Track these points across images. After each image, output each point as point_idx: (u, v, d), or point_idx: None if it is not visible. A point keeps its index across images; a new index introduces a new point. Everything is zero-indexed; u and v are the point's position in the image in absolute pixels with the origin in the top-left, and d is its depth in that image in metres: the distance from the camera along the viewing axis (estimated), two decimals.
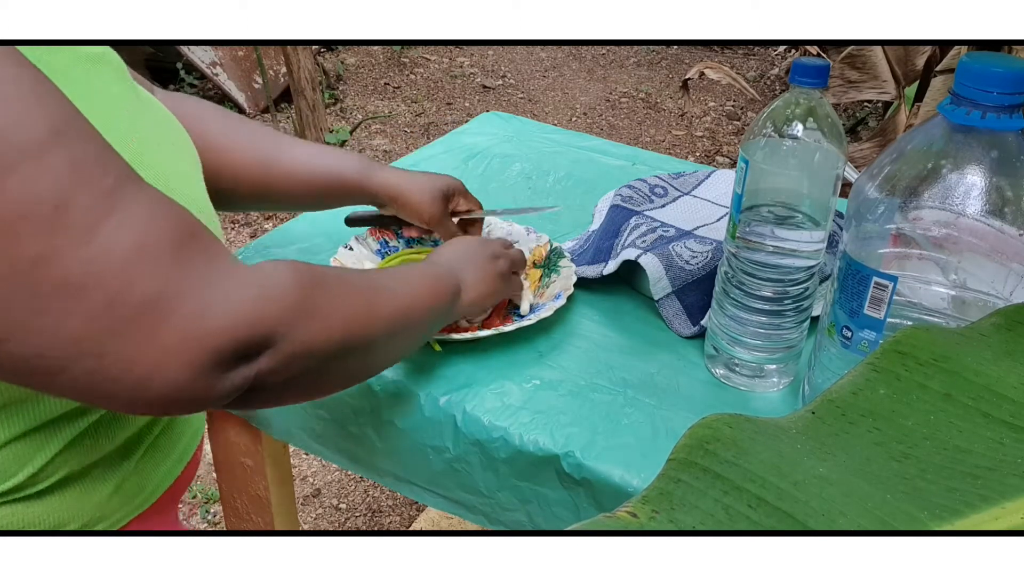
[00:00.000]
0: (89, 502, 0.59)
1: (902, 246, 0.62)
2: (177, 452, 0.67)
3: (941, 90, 2.07)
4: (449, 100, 3.89)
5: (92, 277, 0.42)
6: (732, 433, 0.36)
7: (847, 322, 0.66)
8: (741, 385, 0.79)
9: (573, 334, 0.86)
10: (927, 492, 0.35)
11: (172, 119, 0.64)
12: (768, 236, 0.73)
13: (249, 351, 0.47)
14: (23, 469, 0.55)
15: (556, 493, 0.73)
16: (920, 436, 0.37)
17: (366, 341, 0.58)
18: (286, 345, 0.49)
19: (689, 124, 3.69)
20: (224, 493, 1.05)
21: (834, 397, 0.39)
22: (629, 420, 0.74)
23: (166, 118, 0.63)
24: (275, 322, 0.48)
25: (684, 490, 0.33)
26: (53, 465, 0.56)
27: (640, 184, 1.06)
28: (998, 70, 0.56)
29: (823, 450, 0.36)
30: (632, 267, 0.89)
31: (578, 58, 4.42)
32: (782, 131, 0.70)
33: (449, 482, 0.79)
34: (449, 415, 0.76)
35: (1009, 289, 0.59)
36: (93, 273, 0.42)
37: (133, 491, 0.62)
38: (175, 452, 0.66)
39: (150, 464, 0.64)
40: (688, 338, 0.85)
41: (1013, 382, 0.40)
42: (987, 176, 0.58)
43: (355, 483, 1.84)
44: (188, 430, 0.68)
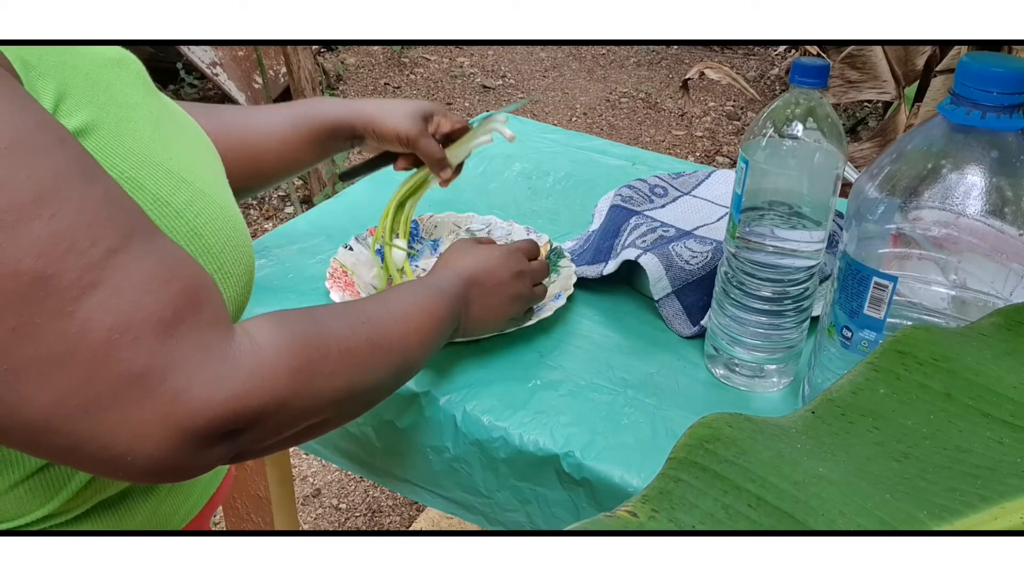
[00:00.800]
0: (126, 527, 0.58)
1: (902, 246, 0.62)
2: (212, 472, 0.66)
3: (941, 90, 2.07)
4: (449, 100, 3.89)
5: (70, 353, 0.41)
6: (732, 433, 0.36)
7: (847, 322, 0.66)
8: (741, 385, 0.79)
9: (573, 334, 0.86)
10: (927, 492, 0.35)
11: (193, 123, 0.63)
12: (768, 236, 0.73)
13: (234, 430, 0.46)
14: (56, 496, 0.54)
15: (556, 493, 0.73)
16: (920, 436, 0.37)
17: (365, 395, 0.57)
18: (274, 422, 0.48)
19: (689, 124, 3.69)
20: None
21: (834, 397, 0.39)
22: (629, 420, 0.74)
23: (188, 122, 0.62)
24: (264, 404, 0.46)
25: (684, 489, 0.33)
26: (87, 492, 0.55)
27: (640, 184, 1.06)
28: (998, 70, 0.56)
29: (823, 450, 0.36)
30: (632, 267, 0.89)
31: (578, 58, 4.42)
32: (782, 131, 0.70)
33: (449, 482, 0.79)
34: (449, 415, 0.76)
35: (1009, 289, 0.59)
36: (71, 349, 0.41)
37: (169, 513, 0.61)
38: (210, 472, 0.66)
39: (186, 486, 0.63)
40: (688, 338, 0.85)
41: (1013, 382, 0.40)
42: (987, 176, 0.58)
43: (355, 483, 1.84)
44: None
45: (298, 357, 0.49)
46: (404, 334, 0.61)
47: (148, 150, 0.51)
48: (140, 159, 0.50)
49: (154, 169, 0.50)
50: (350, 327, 0.56)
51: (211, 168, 0.59)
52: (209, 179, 0.56)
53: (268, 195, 2.96)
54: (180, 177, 0.52)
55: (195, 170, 0.55)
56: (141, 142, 0.51)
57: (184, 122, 0.61)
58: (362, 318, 0.58)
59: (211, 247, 0.52)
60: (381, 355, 0.57)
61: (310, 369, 0.50)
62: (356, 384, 0.54)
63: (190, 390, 0.43)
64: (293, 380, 0.48)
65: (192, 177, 0.53)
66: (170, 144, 0.54)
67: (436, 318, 0.66)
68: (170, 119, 0.57)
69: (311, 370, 0.50)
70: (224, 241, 0.54)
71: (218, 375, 0.44)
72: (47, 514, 0.54)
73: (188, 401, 0.43)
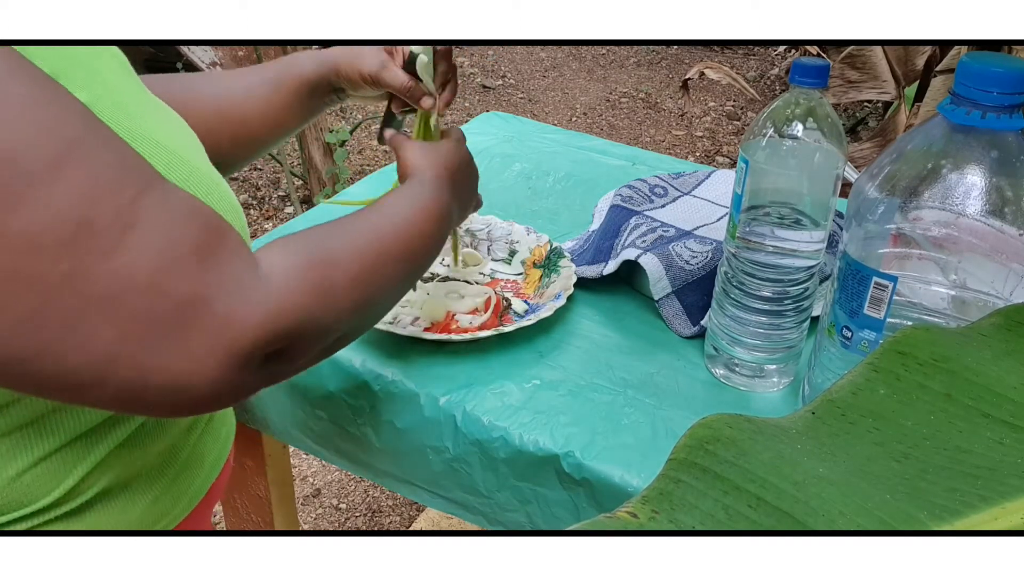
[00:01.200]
0: (128, 517, 0.59)
1: (902, 246, 0.62)
2: (211, 459, 0.66)
3: (941, 90, 2.07)
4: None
5: (121, 289, 0.43)
6: (732, 433, 0.36)
7: (847, 322, 0.66)
8: (741, 385, 0.79)
9: (573, 334, 0.86)
10: (927, 492, 0.35)
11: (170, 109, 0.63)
12: (768, 236, 0.73)
13: (280, 344, 0.48)
14: (62, 483, 0.54)
15: (556, 493, 0.73)
16: (920, 436, 0.37)
17: (381, 302, 0.60)
18: (306, 340, 0.51)
19: (689, 124, 3.69)
20: (224, 493, 1.05)
21: (834, 397, 0.39)
22: (629, 420, 0.74)
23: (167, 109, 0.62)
24: (298, 321, 0.49)
25: (684, 490, 0.33)
26: (92, 478, 0.55)
27: (640, 184, 1.06)
28: (998, 70, 0.56)
29: (823, 450, 0.36)
30: (632, 267, 0.89)
31: (578, 58, 4.41)
32: (782, 131, 0.70)
33: (449, 482, 0.79)
34: (449, 415, 0.76)
35: (1009, 289, 0.59)
36: (122, 285, 0.43)
37: (170, 502, 0.62)
38: (209, 459, 0.66)
39: (186, 473, 0.63)
40: (688, 338, 0.85)
41: (1013, 382, 0.40)
42: (987, 176, 0.58)
43: (355, 483, 1.84)
44: (221, 436, 0.68)
45: (314, 274, 0.51)
46: (409, 238, 0.63)
47: (142, 128, 0.52)
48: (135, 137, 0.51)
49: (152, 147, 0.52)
50: (357, 239, 0.58)
51: (193, 143, 0.60)
52: (202, 158, 0.58)
53: (268, 195, 2.96)
54: (175, 154, 0.53)
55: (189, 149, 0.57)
56: (132, 120, 0.52)
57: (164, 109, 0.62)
58: (366, 228, 0.60)
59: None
60: (390, 262, 0.60)
61: (327, 283, 0.52)
62: (372, 293, 0.57)
63: (235, 313, 0.46)
64: (315, 296, 0.51)
65: (188, 156, 0.55)
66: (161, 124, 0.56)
67: (436, 218, 0.67)
68: (148, 98, 0.59)
69: (328, 284, 0.52)
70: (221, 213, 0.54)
71: (255, 298, 0.47)
72: (54, 501, 0.54)
73: (235, 323, 0.46)
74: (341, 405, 0.83)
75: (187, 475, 0.63)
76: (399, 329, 0.82)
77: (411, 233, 0.63)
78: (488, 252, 0.99)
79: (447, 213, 0.69)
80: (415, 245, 0.63)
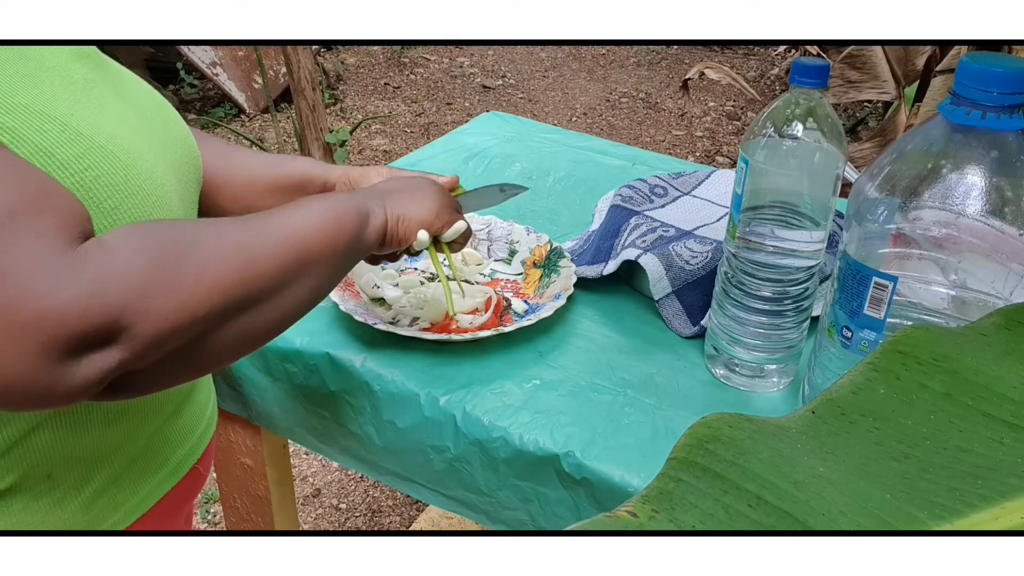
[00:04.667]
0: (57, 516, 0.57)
1: (902, 246, 0.62)
2: (171, 465, 0.65)
3: (941, 90, 2.07)
4: (449, 100, 3.89)
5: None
6: (732, 433, 0.36)
7: (847, 322, 0.66)
8: (741, 385, 0.79)
9: (573, 334, 0.86)
10: (927, 492, 0.35)
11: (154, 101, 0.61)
12: (768, 236, 0.73)
13: (94, 339, 0.44)
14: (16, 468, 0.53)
15: (556, 493, 0.73)
16: (920, 436, 0.37)
17: (251, 299, 0.52)
18: (143, 327, 0.45)
19: (689, 124, 3.69)
20: (224, 493, 1.05)
21: (834, 397, 0.39)
22: (629, 420, 0.74)
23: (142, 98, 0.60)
24: (119, 305, 0.44)
25: (684, 490, 0.33)
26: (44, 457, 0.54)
27: (640, 184, 1.06)
28: (998, 70, 0.56)
29: (823, 450, 0.36)
30: (632, 267, 0.89)
31: (578, 58, 4.42)
32: (782, 131, 0.70)
33: (450, 481, 0.79)
34: (449, 415, 0.76)
35: (1009, 289, 0.59)
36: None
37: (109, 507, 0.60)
38: (168, 465, 0.65)
39: (130, 477, 0.61)
40: (688, 338, 0.85)
41: (1013, 382, 0.40)
42: (987, 176, 0.58)
43: (355, 483, 1.84)
44: (185, 443, 0.67)
45: (153, 253, 0.47)
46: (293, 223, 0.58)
47: (46, 106, 0.50)
48: (30, 113, 0.49)
49: (46, 123, 0.49)
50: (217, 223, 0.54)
51: (141, 136, 0.57)
52: (130, 144, 0.54)
53: None
54: (77, 131, 0.50)
55: (110, 131, 0.53)
56: (39, 98, 0.50)
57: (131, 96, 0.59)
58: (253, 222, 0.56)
59: (101, 202, 0.51)
60: (267, 245, 0.54)
61: (169, 265, 0.47)
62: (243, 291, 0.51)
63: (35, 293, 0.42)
64: (147, 276, 0.46)
65: (98, 136, 0.52)
66: (86, 106, 0.53)
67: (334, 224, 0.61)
68: (108, 89, 0.56)
69: (170, 265, 0.47)
70: (121, 200, 0.52)
71: (56, 278, 0.43)
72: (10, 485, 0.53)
73: (35, 304, 0.42)
74: (342, 405, 0.83)
75: (132, 479, 0.62)
76: (399, 329, 0.82)
77: (306, 234, 0.57)
78: (488, 252, 0.99)
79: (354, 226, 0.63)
80: (310, 244, 0.57)
